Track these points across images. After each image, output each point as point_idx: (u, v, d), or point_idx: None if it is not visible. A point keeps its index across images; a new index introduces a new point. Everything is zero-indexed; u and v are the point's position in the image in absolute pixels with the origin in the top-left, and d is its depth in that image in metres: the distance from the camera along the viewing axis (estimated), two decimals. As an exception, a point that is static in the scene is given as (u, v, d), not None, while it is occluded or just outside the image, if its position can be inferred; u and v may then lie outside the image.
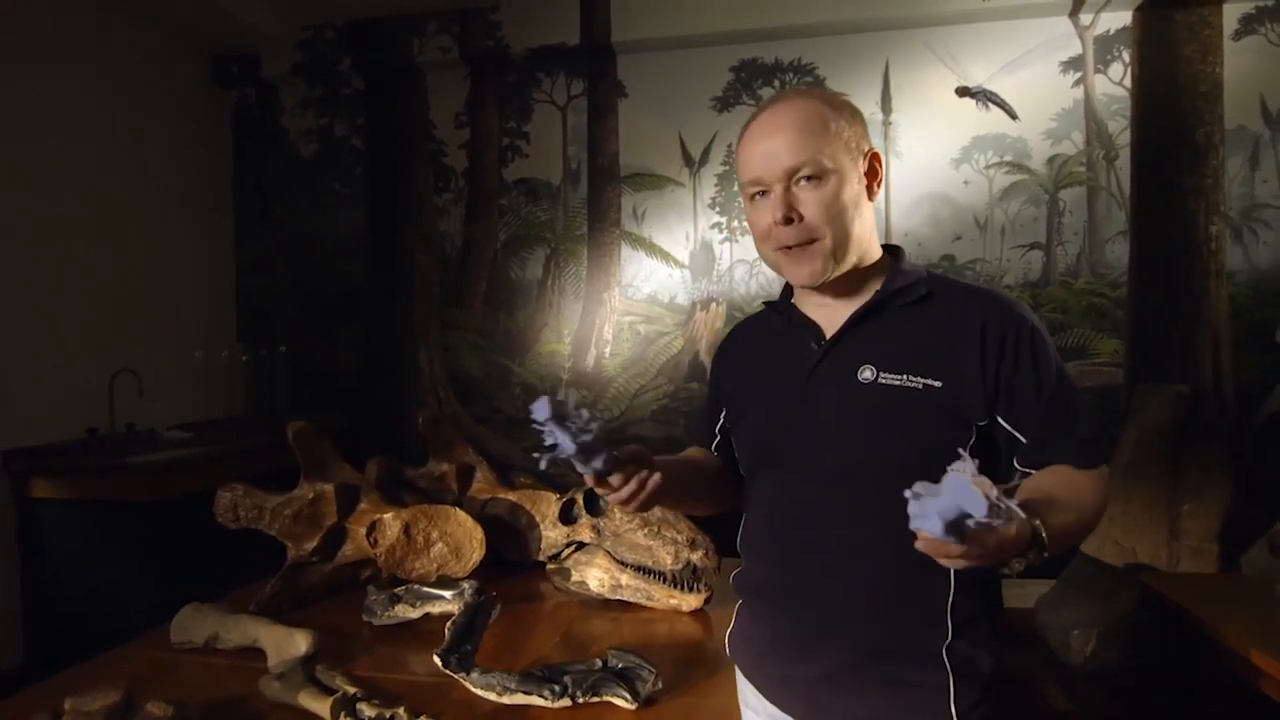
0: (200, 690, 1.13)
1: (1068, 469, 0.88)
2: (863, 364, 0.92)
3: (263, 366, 3.50)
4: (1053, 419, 0.89)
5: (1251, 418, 2.33)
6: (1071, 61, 2.86)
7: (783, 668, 0.98)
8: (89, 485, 2.38)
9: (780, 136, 0.91)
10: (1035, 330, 0.90)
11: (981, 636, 0.91)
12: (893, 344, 0.92)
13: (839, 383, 0.93)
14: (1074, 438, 0.89)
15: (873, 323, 0.95)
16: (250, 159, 3.59)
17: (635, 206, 3.23)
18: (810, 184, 0.91)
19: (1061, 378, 0.90)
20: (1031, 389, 0.89)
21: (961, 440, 0.86)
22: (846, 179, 0.92)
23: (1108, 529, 2.23)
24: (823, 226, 0.91)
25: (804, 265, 0.93)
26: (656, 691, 1.08)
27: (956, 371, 0.89)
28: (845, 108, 0.95)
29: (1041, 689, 2.04)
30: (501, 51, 3.21)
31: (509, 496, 1.67)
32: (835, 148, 0.91)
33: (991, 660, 0.91)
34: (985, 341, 0.89)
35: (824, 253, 0.92)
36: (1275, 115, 2.75)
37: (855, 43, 2.99)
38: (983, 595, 0.92)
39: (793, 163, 0.90)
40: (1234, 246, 2.77)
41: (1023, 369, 0.89)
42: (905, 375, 0.90)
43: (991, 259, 2.94)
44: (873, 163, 0.96)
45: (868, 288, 0.97)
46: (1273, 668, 1.34)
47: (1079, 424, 0.90)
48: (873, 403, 0.90)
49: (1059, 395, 0.89)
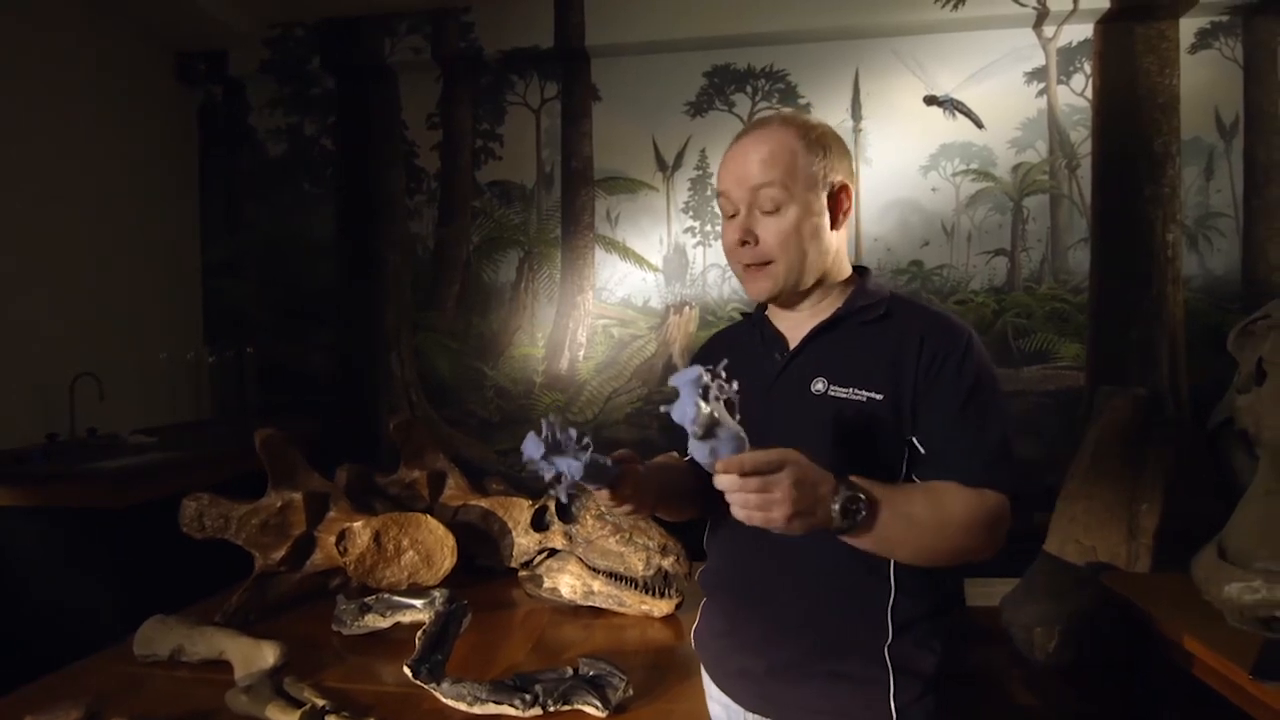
0: (165, 705, 1.11)
1: (952, 484, 0.90)
2: (816, 376, 0.98)
3: (230, 369, 3.43)
4: (955, 435, 0.91)
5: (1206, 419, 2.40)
6: (1035, 72, 2.93)
7: (739, 661, 1.03)
8: (49, 492, 2.31)
9: (752, 161, 0.97)
10: (968, 352, 0.93)
11: (923, 637, 0.95)
12: (846, 358, 0.97)
13: (795, 393, 0.99)
14: (973, 456, 0.91)
15: (831, 337, 1.00)
16: (217, 158, 3.52)
17: (609, 210, 3.23)
18: (769, 214, 0.97)
19: (976, 396, 0.92)
20: (941, 405, 0.92)
21: (900, 451, 0.92)
22: (808, 209, 0.97)
23: (1069, 528, 2.29)
24: (776, 251, 0.97)
25: (758, 283, 1.01)
26: (627, 699, 1.09)
27: (896, 385, 0.93)
28: (820, 142, 0.99)
29: (1006, 685, 2.09)
30: (474, 53, 3.19)
31: (481, 503, 1.67)
32: (799, 180, 0.96)
33: (934, 660, 0.95)
34: (920, 358, 0.93)
35: (775, 275, 0.99)
36: (1229, 127, 2.84)
37: (826, 51, 3.02)
38: (927, 599, 0.96)
39: (756, 184, 0.97)
40: (1190, 254, 2.86)
41: (940, 385, 0.92)
42: (852, 388, 0.95)
43: (958, 264, 3.00)
44: (840, 195, 1.00)
45: (832, 305, 1.03)
46: (1203, 653, 1.42)
47: (984, 445, 0.91)
48: (822, 413, 0.95)
49: (967, 413, 0.91)
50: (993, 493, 0.89)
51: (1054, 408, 2.92)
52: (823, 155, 0.98)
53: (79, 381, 2.72)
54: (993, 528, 0.89)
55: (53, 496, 2.31)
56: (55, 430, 2.62)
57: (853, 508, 0.82)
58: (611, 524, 1.50)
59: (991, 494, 0.89)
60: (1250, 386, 1.68)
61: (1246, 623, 1.40)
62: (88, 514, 2.30)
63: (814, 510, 0.81)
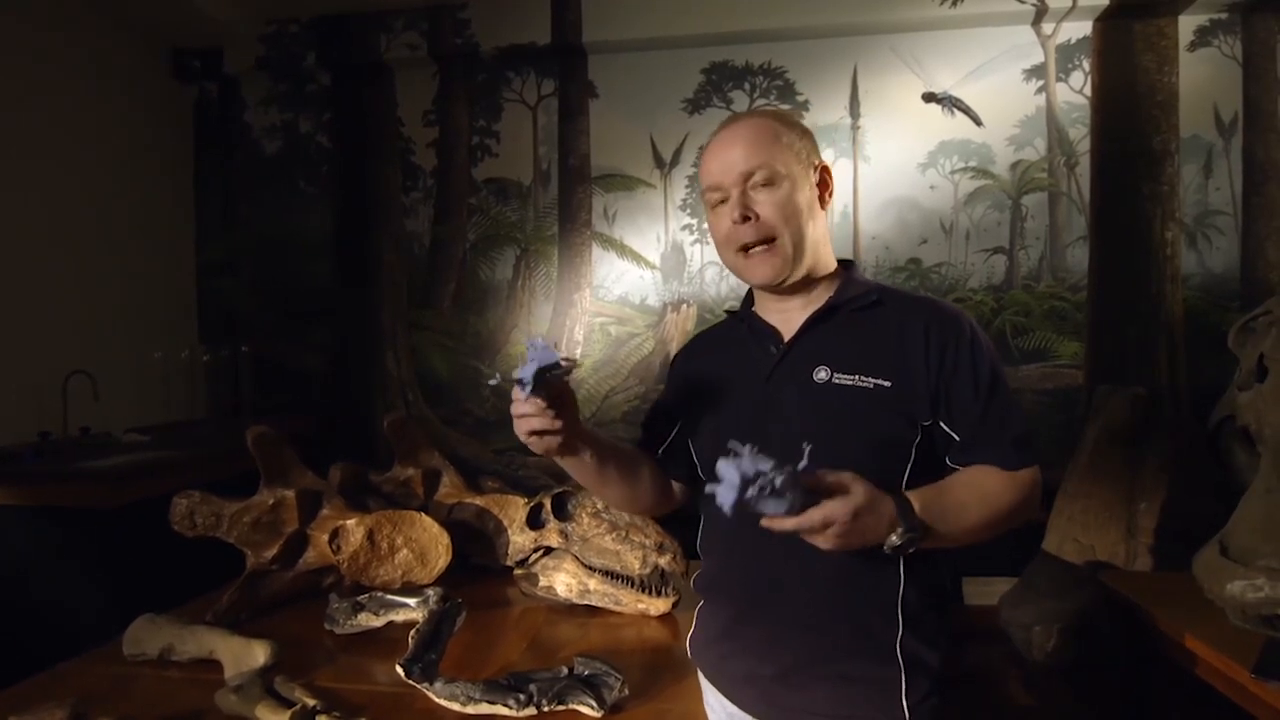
0: (154, 705, 1.09)
1: (992, 469, 0.94)
2: (818, 365, 0.97)
3: (225, 367, 3.41)
4: (985, 420, 0.94)
5: (1205, 418, 2.40)
6: (1034, 70, 2.92)
7: (744, 667, 1.00)
8: (41, 491, 2.30)
9: (737, 147, 0.98)
10: (974, 336, 0.96)
11: (931, 632, 0.95)
12: (846, 346, 0.97)
13: (796, 383, 0.98)
14: (1003, 439, 0.94)
15: (827, 326, 1.00)
16: (212, 155, 3.50)
17: (606, 207, 3.22)
18: (765, 188, 0.97)
19: (996, 381, 0.95)
20: (969, 391, 0.94)
21: (909, 437, 0.94)
22: (799, 184, 0.98)
23: (1068, 527, 2.28)
24: (779, 225, 0.97)
25: (764, 265, 0.99)
26: (623, 698, 1.08)
27: (904, 373, 0.94)
28: (796, 126, 1.02)
29: (1004, 685, 2.08)
30: (471, 50, 3.18)
31: (476, 501, 1.66)
32: (787, 156, 0.97)
33: (940, 655, 0.95)
34: (929, 346, 0.94)
35: (783, 252, 0.98)
36: (1228, 124, 2.83)
37: (824, 48, 3.01)
38: (932, 591, 0.96)
39: (747, 167, 0.97)
40: (1188, 251, 2.85)
41: (961, 372, 0.94)
42: (857, 375, 0.95)
43: (956, 262, 2.99)
44: (823, 175, 1.02)
45: (823, 295, 1.03)
46: (1204, 652, 1.41)
47: (1010, 426, 0.95)
48: (828, 400, 0.95)
49: (992, 398, 0.94)
50: (1024, 471, 0.94)
51: (1052, 406, 2.91)
52: (801, 136, 1.01)
53: (72, 379, 2.70)
54: (1034, 500, 0.96)
55: (45, 495, 2.30)
56: (48, 428, 2.61)
57: (908, 542, 0.86)
58: (608, 522, 1.49)
59: (1027, 472, 0.95)
60: (1251, 384, 1.67)
61: (1249, 621, 1.38)
62: (80, 512, 2.29)
63: (866, 539, 0.85)
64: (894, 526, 0.85)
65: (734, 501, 0.76)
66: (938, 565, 0.97)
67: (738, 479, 0.76)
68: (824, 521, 0.80)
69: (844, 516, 0.80)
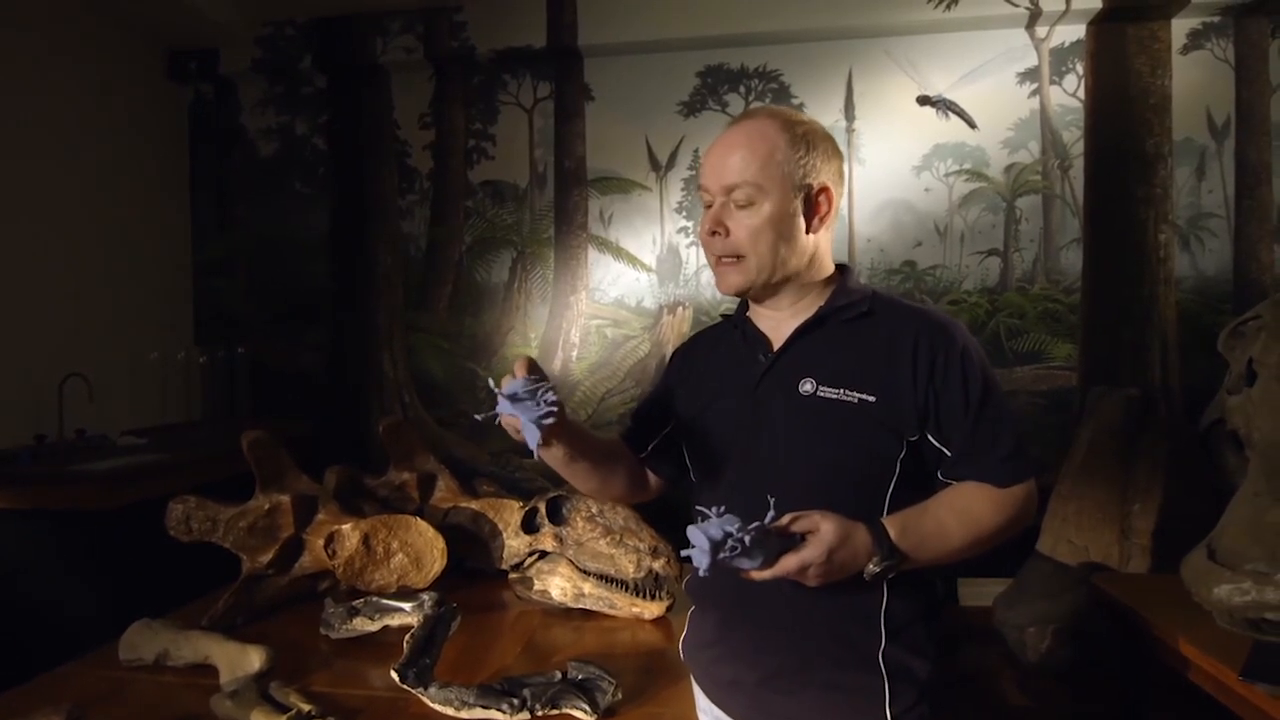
0: (149, 710, 1.10)
1: (982, 486, 0.94)
2: (804, 377, 0.97)
3: (221, 369, 3.41)
4: (976, 435, 0.93)
5: (1198, 420, 2.41)
6: (1028, 73, 2.93)
7: (730, 672, 1.01)
8: (37, 494, 2.29)
9: (730, 156, 0.97)
10: (966, 351, 0.95)
11: (918, 641, 0.95)
12: (833, 358, 0.97)
13: (781, 394, 0.97)
14: (994, 454, 0.93)
15: (815, 336, 0.99)
16: (208, 157, 3.49)
17: (602, 210, 3.22)
18: (743, 209, 0.97)
19: (987, 394, 0.94)
20: (959, 405, 0.93)
21: (893, 453, 0.94)
22: (780, 210, 0.96)
23: (1061, 528, 2.29)
24: (747, 246, 0.97)
25: (729, 276, 1.00)
26: (616, 702, 1.09)
27: (890, 387, 0.93)
28: (805, 139, 0.98)
29: (999, 686, 2.09)
30: (467, 52, 3.18)
31: (471, 505, 1.66)
32: (775, 176, 0.95)
33: (929, 664, 0.94)
34: (917, 360, 0.93)
35: (745, 270, 0.98)
36: (1220, 127, 2.84)
37: (819, 50, 3.02)
38: (919, 602, 0.96)
39: (731, 182, 0.96)
40: (1181, 254, 2.86)
41: (951, 386, 0.93)
42: (842, 389, 0.94)
43: (951, 265, 3.00)
44: (819, 197, 0.99)
45: (813, 304, 1.02)
46: (1194, 654, 1.42)
47: (1001, 441, 0.94)
48: (811, 414, 0.94)
49: (983, 412, 0.93)
50: (1017, 487, 0.94)
51: (1046, 408, 2.92)
52: (805, 153, 0.97)
53: (68, 382, 2.70)
54: (1026, 514, 0.95)
55: (40, 498, 2.29)
56: (44, 431, 2.60)
57: (886, 569, 0.88)
58: (602, 526, 1.49)
59: (1019, 487, 0.94)
60: (1241, 387, 1.68)
61: (1236, 624, 1.39)
62: (76, 516, 2.28)
63: (847, 571, 0.87)
64: (871, 555, 0.86)
65: (708, 565, 0.80)
66: (926, 577, 0.97)
67: (708, 544, 0.79)
68: (799, 566, 0.83)
69: (818, 558, 0.83)
